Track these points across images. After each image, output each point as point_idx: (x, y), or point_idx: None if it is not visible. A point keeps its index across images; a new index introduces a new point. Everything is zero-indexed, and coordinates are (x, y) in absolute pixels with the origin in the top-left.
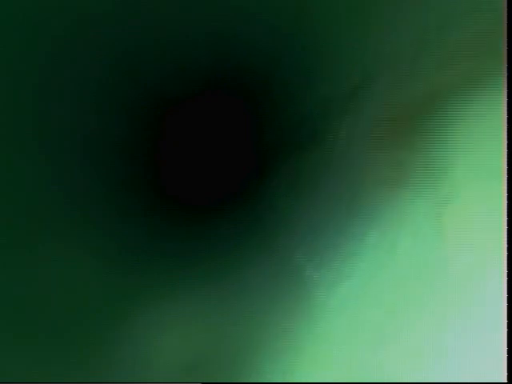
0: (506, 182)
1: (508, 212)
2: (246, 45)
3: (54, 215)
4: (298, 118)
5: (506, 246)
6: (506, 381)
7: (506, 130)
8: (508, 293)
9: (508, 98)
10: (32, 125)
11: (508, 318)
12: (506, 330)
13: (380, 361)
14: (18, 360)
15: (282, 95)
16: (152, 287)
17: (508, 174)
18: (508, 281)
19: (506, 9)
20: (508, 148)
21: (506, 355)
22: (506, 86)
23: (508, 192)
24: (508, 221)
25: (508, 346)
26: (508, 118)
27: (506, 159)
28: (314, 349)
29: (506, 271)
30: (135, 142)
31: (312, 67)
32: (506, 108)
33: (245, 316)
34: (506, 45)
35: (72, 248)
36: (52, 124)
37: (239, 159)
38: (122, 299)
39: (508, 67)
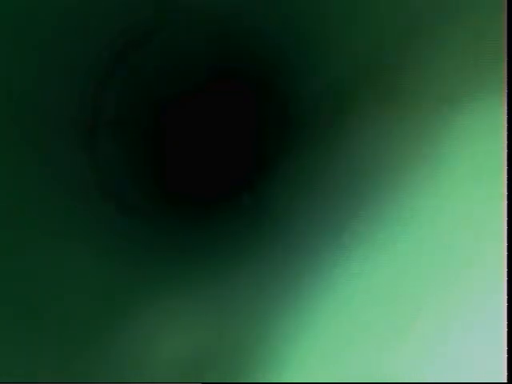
0: (506, 182)
1: (508, 212)
2: (249, 40)
3: (53, 212)
4: (299, 113)
5: (505, 245)
6: (505, 381)
7: (506, 129)
8: (508, 293)
9: (508, 98)
10: (32, 122)
11: (508, 318)
12: (506, 329)
13: (379, 361)
14: (17, 359)
15: (284, 91)
16: (152, 284)
17: (508, 173)
18: (508, 281)
19: (505, 9)
20: (508, 148)
21: (506, 355)
22: (505, 86)
23: (508, 192)
24: (508, 221)
25: (508, 346)
26: (508, 118)
27: (506, 159)
28: (313, 348)
29: (506, 271)
30: (137, 138)
31: (314, 63)
32: (506, 108)
33: (244, 314)
34: (506, 44)
35: (73, 245)
36: (52, 119)
37: (241, 155)
38: (122, 297)
39: (508, 67)
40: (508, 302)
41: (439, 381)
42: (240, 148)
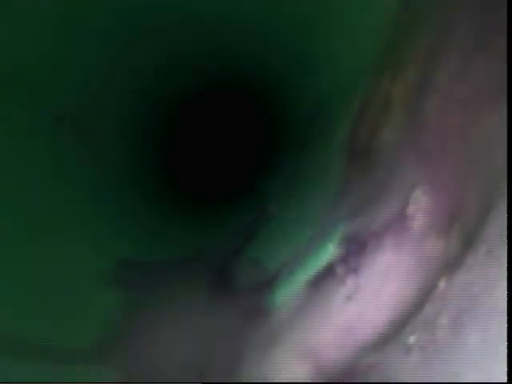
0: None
1: (508, 212)
2: (251, 47)
3: (55, 211)
4: (301, 117)
5: (507, 244)
6: (506, 381)
7: (506, 129)
8: (508, 292)
9: (508, 97)
10: (38, 120)
11: (508, 318)
12: (506, 329)
13: (379, 360)
14: (17, 359)
15: (285, 96)
16: (151, 284)
17: (508, 173)
18: (508, 280)
19: (506, 8)
20: (508, 148)
21: (506, 355)
22: (506, 86)
23: (508, 192)
24: (508, 220)
25: (508, 345)
26: (508, 118)
27: (506, 159)
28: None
29: (506, 270)
30: (144, 139)
31: (315, 67)
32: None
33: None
34: (506, 43)
35: (75, 244)
36: (55, 117)
37: (244, 157)
38: (121, 297)
39: (508, 67)
40: (508, 301)
41: (440, 381)
42: (240, 148)
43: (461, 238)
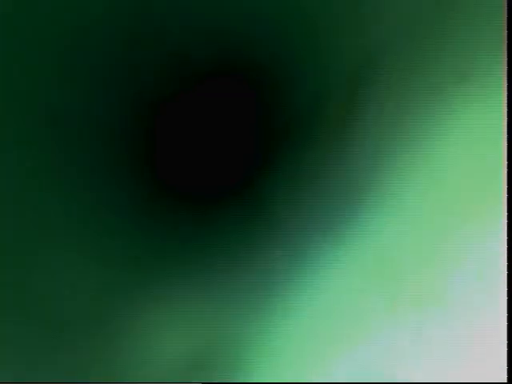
0: (505, 181)
1: (508, 211)
2: (247, 37)
3: (51, 210)
4: (298, 112)
5: (505, 245)
6: (506, 381)
7: (506, 129)
8: (508, 292)
9: (508, 97)
10: (27, 124)
11: (508, 318)
12: (506, 329)
13: (374, 359)
14: (17, 360)
15: (283, 89)
16: (150, 284)
17: (508, 173)
18: (508, 280)
19: (505, 8)
20: (508, 148)
21: (506, 355)
22: (505, 85)
23: (508, 192)
24: (508, 220)
25: (508, 345)
26: (508, 118)
27: (505, 159)
28: (310, 347)
29: (505, 270)
30: (135, 133)
31: (312, 60)
32: (506, 107)
33: (243, 312)
34: (505, 43)
35: (71, 245)
36: (44, 119)
37: (240, 152)
38: (121, 297)
39: (508, 66)
40: (508, 301)
41: (440, 381)
42: (240, 145)
43: None
